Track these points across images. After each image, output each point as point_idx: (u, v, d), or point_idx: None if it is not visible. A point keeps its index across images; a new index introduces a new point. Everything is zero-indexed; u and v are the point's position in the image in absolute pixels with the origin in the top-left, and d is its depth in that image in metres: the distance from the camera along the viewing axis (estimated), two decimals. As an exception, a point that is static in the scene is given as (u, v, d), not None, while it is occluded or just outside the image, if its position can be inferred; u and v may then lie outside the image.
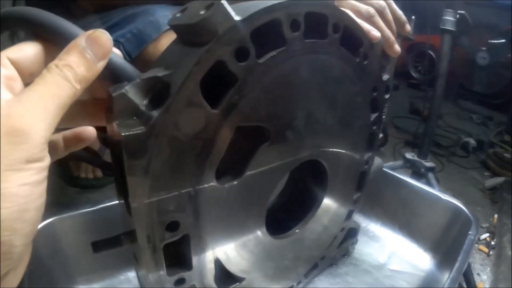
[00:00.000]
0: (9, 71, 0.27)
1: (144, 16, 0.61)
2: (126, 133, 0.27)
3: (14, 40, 1.31)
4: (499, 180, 1.55)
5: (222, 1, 0.28)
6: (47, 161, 0.25)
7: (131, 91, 0.28)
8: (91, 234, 0.61)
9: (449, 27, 1.09)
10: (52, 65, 0.27)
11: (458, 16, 1.07)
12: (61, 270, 0.62)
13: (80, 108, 0.33)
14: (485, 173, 1.66)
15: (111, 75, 0.30)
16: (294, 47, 0.36)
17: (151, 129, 0.28)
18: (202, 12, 0.28)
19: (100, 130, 1.15)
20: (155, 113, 0.28)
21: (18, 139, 0.23)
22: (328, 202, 0.58)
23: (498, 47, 2.78)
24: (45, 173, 0.25)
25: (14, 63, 0.28)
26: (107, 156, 1.16)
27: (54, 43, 0.29)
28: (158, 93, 0.29)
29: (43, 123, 0.24)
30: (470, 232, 0.68)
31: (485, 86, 2.86)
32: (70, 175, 1.07)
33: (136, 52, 0.62)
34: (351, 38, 0.44)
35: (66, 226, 0.62)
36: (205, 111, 0.30)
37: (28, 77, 0.28)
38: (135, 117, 0.29)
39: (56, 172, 1.12)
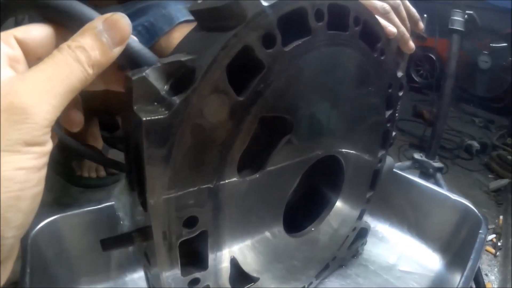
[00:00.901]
0: (14, 51, 0.25)
1: (156, 9, 0.59)
2: (147, 118, 0.25)
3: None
4: (503, 182, 1.54)
5: None
6: (48, 146, 0.23)
7: (152, 75, 0.27)
8: (96, 233, 0.60)
9: (458, 27, 1.08)
10: (64, 45, 0.25)
11: (466, 16, 1.06)
12: (64, 270, 0.60)
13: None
14: (489, 175, 1.65)
15: (128, 61, 0.28)
16: (318, 37, 0.34)
17: (174, 115, 0.26)
18: None
19: (104, 128, 1.13)
20: (177, 99, 0.26)
21: (18, 118, 0.21)
22: (342, 201, 0.57)
23: (500, 50, 2.78)
24: (45, 159, 0.23)
25: (20, 43, 0.26)
26: (110, 156, 1.15)
27: (67, 26, 0.27)
28: (180, 78, 0.28)
29: (47, 104, 0.22)
30: (480, 231, 0.68)
31: (487, 89, 2.86)
32: (72, 174, 1.05)
33: (148, 45, 0.60)
34: (369, 33, 0.43)
35: (69, 225, 0.61)
36: (230, 98, 0.29)
37: (35, 61, 0.26)
38: (155, 103, 0.27)
39: (58, 171, 1.10)
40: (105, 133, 1.18)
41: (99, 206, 0.63)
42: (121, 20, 0.26)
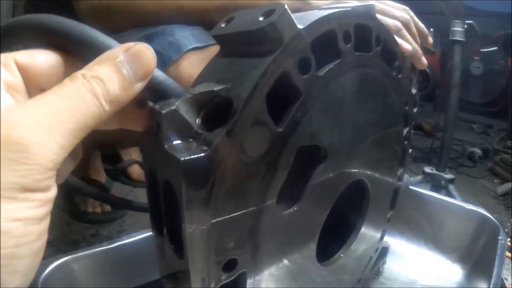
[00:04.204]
0: (13, 77, 0.21)
1: (162, 37, 0.57)
2: (186, 158, 0.23)
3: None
4: (510, 185, 1.55)
5: (286, 6, 0.25)
6: (52, 192, 0.19)
7: (182, 108, 0.24)
8: (110, 274, 0.57)
9: (459, 37, 1.08)
10: (77, 74, 0.21)
11: (466, 26, 1.07)
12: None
13: None
14: (495, 180, 1.66)
15: (152, 94, 0.25)
16: (347, 59, 0.33)
17: (215, 152, 0.23)
18: (261, 19, 0.25)
19: (106, 161, 1.11)
20: (216, 133, 0.24)
21: (15, 156, 0.17)
22: (366, 222, 0.55)
23: (491, 55, 2.82)
24: (47, 208, 0.19)
25: (22, 69, 0.22)
26: (114, 189, 1.12)
27: (78, 55, 0.24)
28: (214, 110, 0.25)
29: (54, 142, 0.18)
30: (500, 237, 0.68)
31: (481, 95, 2.89)
32: (76, 209, 1.02)
33: None
34: (387, 51, 0.42)
35: (82, 266, 0.57)
36: (270, 130, 0.26)
37: (37, 93, 0.21)
38: (190, 139, 0.25)
39: (61, 206, 1.07)
40: (107, 166, 1.16)
41: (112, 246, 0.59)
42: (146, 51, 0.23)
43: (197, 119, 0.25)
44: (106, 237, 0.98)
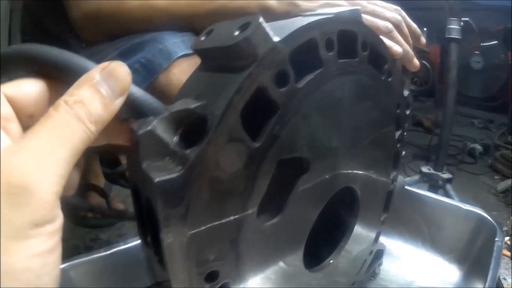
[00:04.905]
0: (4, 109, 0.22)
1: (152, 44, 0.57)
2: (160, 179, 0.23)
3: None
4: (510, 182, 1.54)
5: (260, 20, 0.25)
6: (59, 220, 0.21)
7: (159, 127, 0.24)
8: (109, 280, 0.58)
9: (455, 35, 1.07)
10: (60, 101, 0.22)
11: (462, 23, 1.06)
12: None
13: None
14: (495, 177, 1.65)
15: (131, 112, 0.25)
16: (329, 68, 0.32)
17: (189, 171, 0.24)
18: (236, 33, 0.25)
19: (104, 165, 1.11)
20: (191, 152, 0.24)
21: (20, 200, 0.18)
22: (359, 226, 0.55)
23: (491, 49, 2.80)
24: (58, 236, 0.21)
25: (11, 101, 0.23)
26: (114, 191, 1.13)
27: (61, 80, 0.24)
28: (191, 127, 0.25)
29: (51, 176, 0.20)
30: (496, 239, 0.68)
31: (482, 89, 2.88)
32: (77, 214, 1.03)
33: (146, 83, 0.57)
34: (376, 55, 0.41)
35: (80, 273, 0.58)
36: (246, 145, 0.26)
37: (28, 119, 0.24)
38: (166, 157, 0.25)
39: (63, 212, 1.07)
40: (106, 169, 1.16)
41: (110, 252, 0.60)
42: (120, 68, 0.24)
43: (175, 137, 0.25)
44: (105, 241, 0.99)
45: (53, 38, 0.81)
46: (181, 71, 0.57)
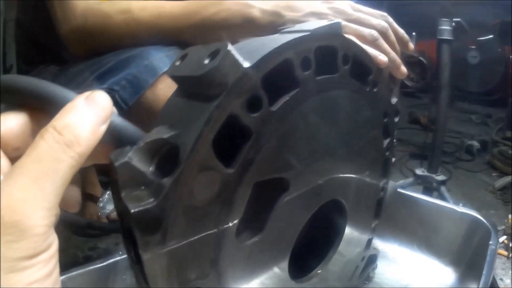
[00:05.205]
0: None
1: (138, 60, 0.58)
2: (136, 209, 0.24)
3: None
4: (508, 179, 1.54)
5: (229, 47, 0.25)
6: (54, 246, 0.22)
7: (135, 158, 0.25)
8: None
9: (447, 36, 1.07)
10: (48, 127, 0.22)
11: (454, 24, 1.05)
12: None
13: None
14: (493, 174, 1.65)
15: (111, 139, 0.26)
16: (306, 87, 0.32)
17: (164, 201, 0.24)
18: (206, 62, 0.25)
19: (101, 173, 1.12)
20: (165, 181, 0.25)
21: (13, 237, 0.19)
22: (348, 235, 0.55)
23: (487, 43, 2.80)
24: (55, 260, 0.22)
25: None
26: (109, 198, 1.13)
27: (44, 111, 0.25)
28: (165, 157, 0.26)
29: (41, 211, 0.20)
30: (490, 242, 0.68)
31: (479, 84, 2.87)
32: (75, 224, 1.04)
33: (133, 99, 0.58)
34: (359, 67, 0.41)
35: (77, 285, 0.59)
36: (220, 173, 0.27)
37: (13, 151, 0.24)
38: (143, 187, 0.25)
39: (61, 221, 1.08)
40: (103, 178, 1.17)
41: (105, 264, 0.61)
42: (102, 96, 0.25)
43: (151, 167, 0.26)
44: (104, 249, 1.00)
45: (46, 50, 0.82)
46: (167, 86, 0.58)
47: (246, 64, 0.26)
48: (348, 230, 0.54)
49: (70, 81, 0.65)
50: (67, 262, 0.60)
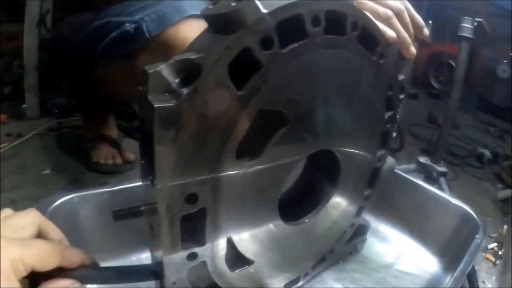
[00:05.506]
0: None
1: (171, 1, 0.67)
2: (158, 105, 0.30)
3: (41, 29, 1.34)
4: (510, 192, 1.53)
5: None
6: None
7: (165, 70, 0.32)
8: (109, 214, 0.64)
9: (467, 34, 1.09)
10: None
11: (475, 23, 1.07)
12: (75, 245, 0.64)
13: None
14: (498, 185, 1.64)
15: None
16: (315, 40, 0.39)
17: (181, 104, 0.31)
18: (233, 4, 0.32)
19: (122, 118, 1.19)
20: (185, 91, 0.31)
21: None
22: (339, 196, 0.60)
23: (520, 60, 2.74)
24: None
25: None
26: (125, 144, 1.20)
27: None
28: (189, 73, 0.32)
29: None
30: (477, 236, 0.70)
31: (505, 99, 2.82)
32: (90, 160, 1.12)
33: (157, 31, 0.67)
34: (369, 37, 0.46)
35: (84, 204, 0.65)
36: (231, 92, 0.33)
37: None
38: (167, 93, 0.32)
39: (76, 157, 1.16)
40: (123, 122, 1.24)
41: (114, 188, 0.67)
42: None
43: (177, 79, 0.32)
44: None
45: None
46: (189, 28, 0.66)
47: (264, 10, 0.33)
48: (339, 191, 0.60)
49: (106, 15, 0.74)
50: (77, 189, 0.65)
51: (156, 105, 0.30)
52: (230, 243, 0.45)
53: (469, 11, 1.07)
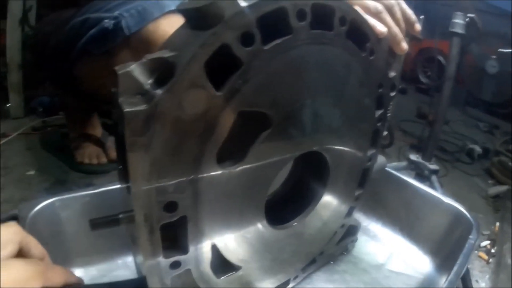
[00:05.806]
0: None
1: None
2: (128, 110, 0.28)
3: (24, 26, 1.31)
4: (502, 188, 1.53)
5: None
6: None
7: (136, 70, 0.29)
8: (92, 217, 0.63)
9: (458, 30, 1.07)
10: None
11: (467, 19, 1.06)
12: (59, 251, 0.62)
13: None
14: (489, 181, 1.64)
15: None
16: (300, 36, 0.36)
17: (154, 107, 0.28)
18: None
19: (106, 116, 1.16)
20: (159, 92, 0.28)
21: None
22: (329, 197, 0.58)
23: (508, 56, 2.75)
24: None
25: None
26: (110, 142, 1.17)
27: None
28: (163, 73, 0.30)
29: None
30: (470, 237, 0.68)
31: (493, 94, 2.84)
32: (74, 160, 1.09)
33: (137, 27, 0.66)
34: (358, 32, 0.44)
35: (67, 207, 0.63)
36: (208, 93, 0.31)
37: None
38: (139, 95, 0.29)
39: (60, 157, 1.13)
40: (107, 120, 1.21)
41: (96, 191, 0.65)
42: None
43: (149, 80, 0.30)
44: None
45: None
46: (169, 23, 0.64)
47: (244, 4, 0.31)
48: (329, 192, 0.58)
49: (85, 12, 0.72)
50: (60, 191, 0.63)
51: (126, 109, 0.27)
52: (215, 250, 0.43)
53: (459, 7, 1.05)
